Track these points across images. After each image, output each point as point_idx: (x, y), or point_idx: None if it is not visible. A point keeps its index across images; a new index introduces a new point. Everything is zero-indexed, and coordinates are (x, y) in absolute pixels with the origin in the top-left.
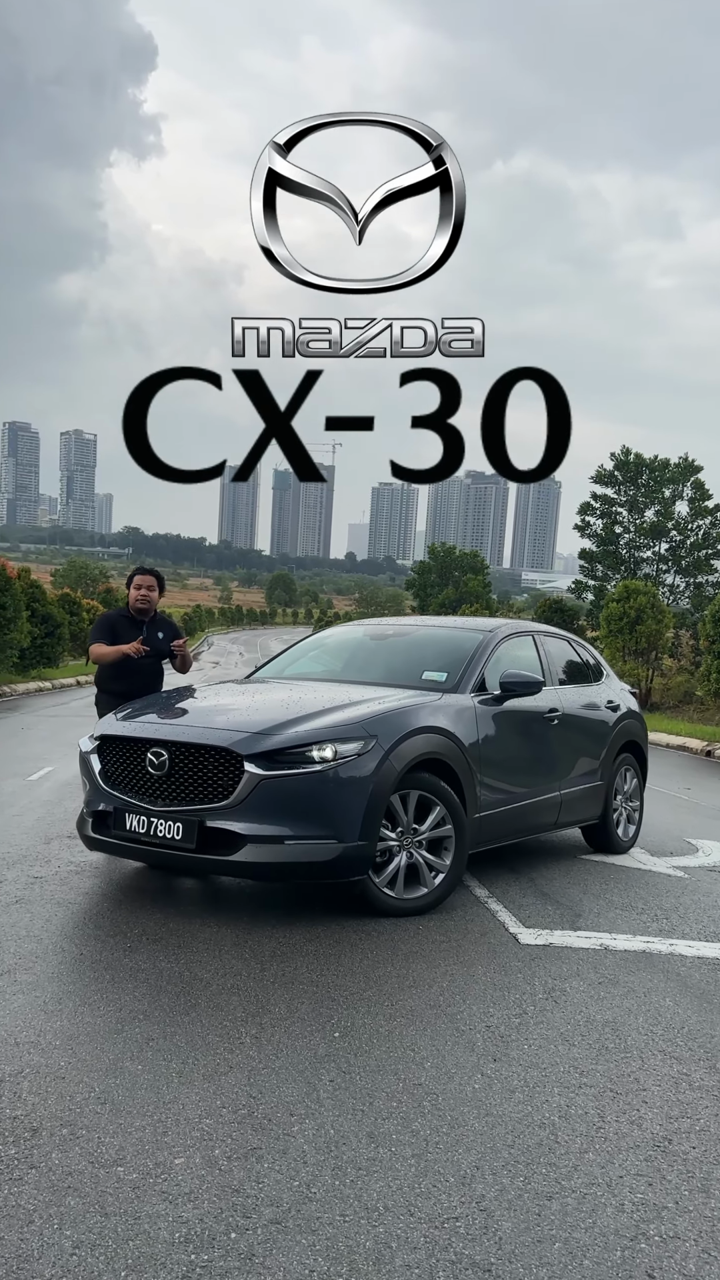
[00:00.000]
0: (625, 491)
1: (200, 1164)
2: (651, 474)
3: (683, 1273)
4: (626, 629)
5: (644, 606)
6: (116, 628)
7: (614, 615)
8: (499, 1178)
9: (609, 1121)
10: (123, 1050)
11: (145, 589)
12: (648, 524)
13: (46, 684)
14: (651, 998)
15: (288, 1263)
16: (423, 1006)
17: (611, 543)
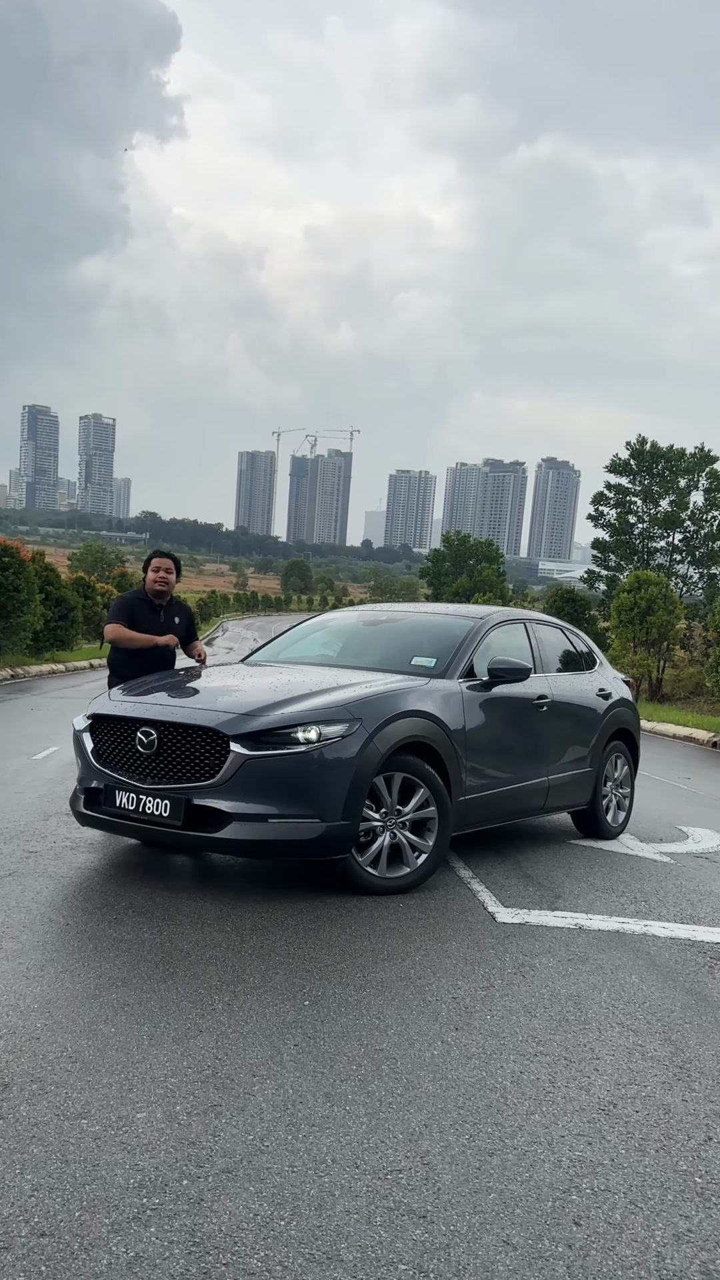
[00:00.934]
0: (640, 481)
1: (161, 1118)
2: (667, 464)
3: (608, 1221)
4: (637, 619)
5: (655, 597)
6: (135, 611)
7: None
8: (445, 1135)
9: (559, 1087)
10: (98, 1014)
11: (163, 572)
12: (662, 514)
13: (59, 666)
14: (618, 974)
15: (234, 1207)
16: (393, 979)
17: (625, 533)
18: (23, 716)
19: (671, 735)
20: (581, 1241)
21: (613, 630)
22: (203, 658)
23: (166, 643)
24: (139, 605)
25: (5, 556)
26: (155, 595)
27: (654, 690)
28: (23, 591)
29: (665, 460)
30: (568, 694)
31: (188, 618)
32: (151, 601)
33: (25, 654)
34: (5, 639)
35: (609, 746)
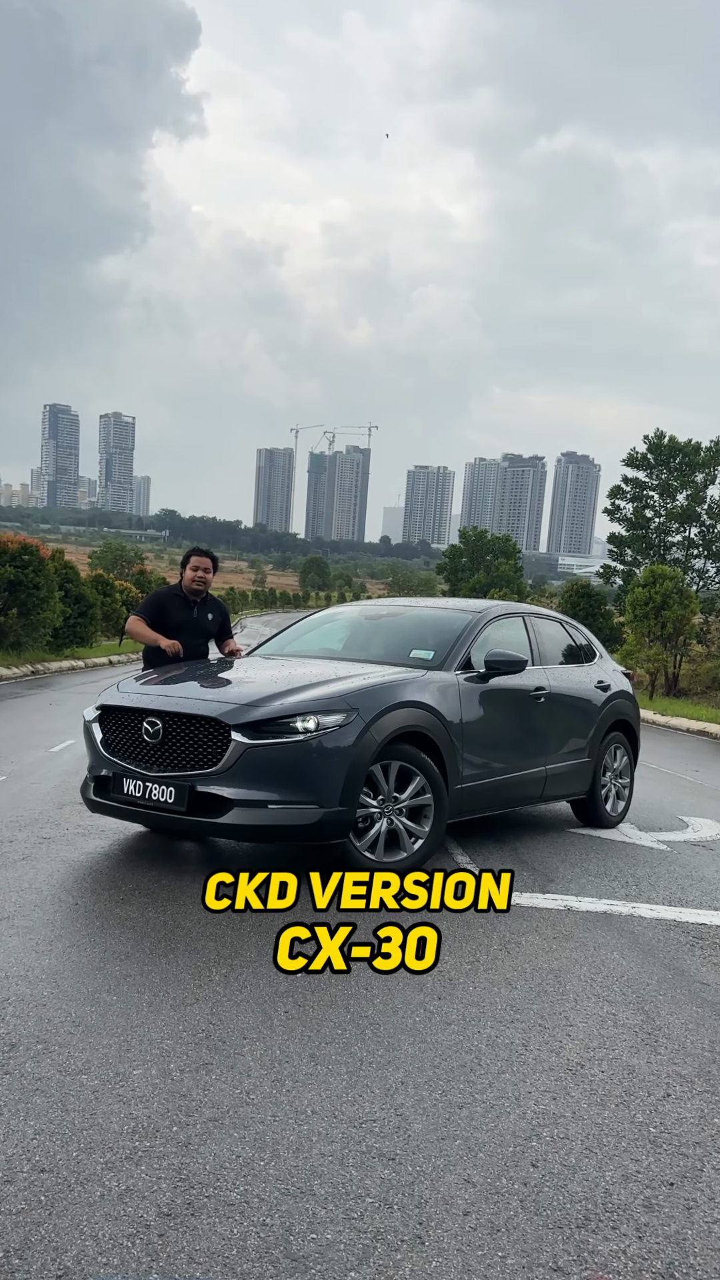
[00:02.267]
0: (657, 475)
1: (155, 1075)
2: (685, 457)
3: (564, 1164)
4: (652, 614)
5: (670, 591)
6: (166, 606)
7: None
8: (419, 1091)
9: (531, 1050)
10: (101, 984)
11: (202, 570)
12: (679, 508)
13: (79, 663)
14: (600, 951)
15: (218, 1150)
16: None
17: (642, 527)
18: (41, 711)
19: (685, 729)
20: (536, 1180)
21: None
22: (236, 653)
23: (169, 647)
24: (172, 600)
25: (25, 555)
26: (192, 593)
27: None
28: (42, 589)
29: (683, 454)
30: (565, 686)
31: (222, 615)
32: (186, 598)
33: (45, 650)
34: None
35: (608, 737)
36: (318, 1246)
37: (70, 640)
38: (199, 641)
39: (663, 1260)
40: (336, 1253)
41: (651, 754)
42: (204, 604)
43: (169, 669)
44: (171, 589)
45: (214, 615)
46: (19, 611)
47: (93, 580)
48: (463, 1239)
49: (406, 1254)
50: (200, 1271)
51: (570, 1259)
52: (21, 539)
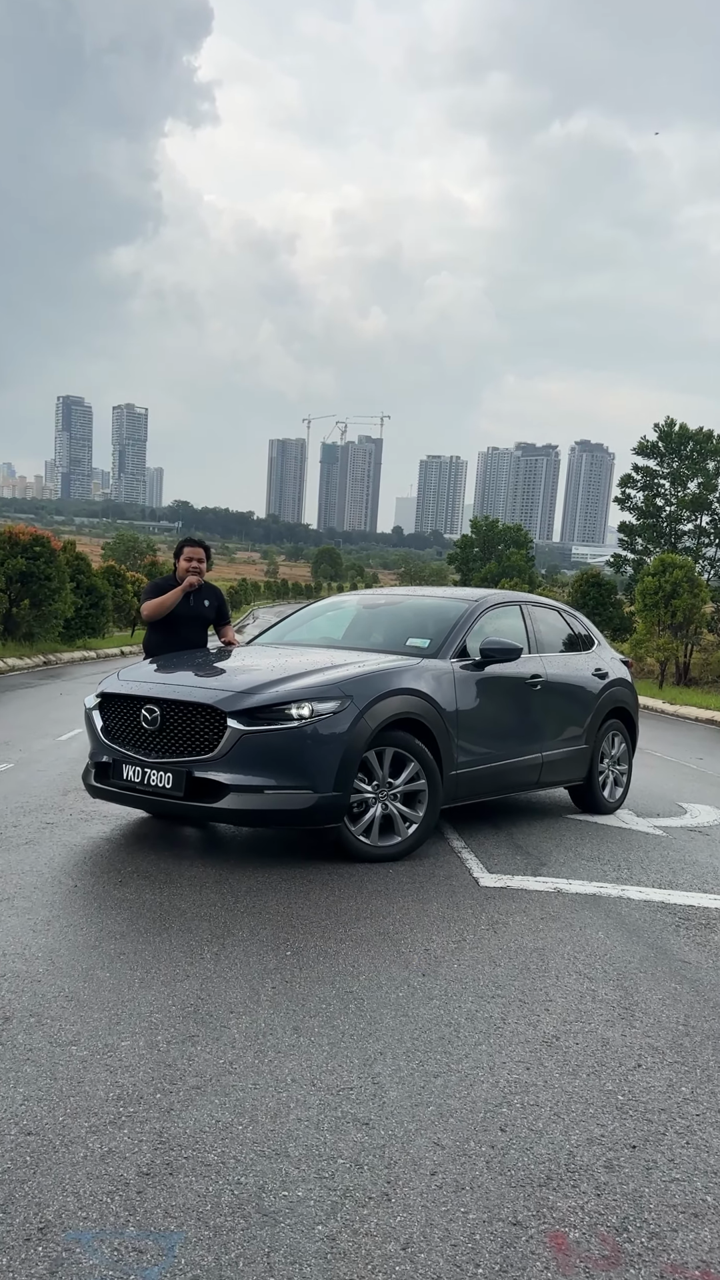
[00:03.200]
0: (668, 463)
1: (143, 1046)
2: (696, 445)
3: (531, 1129)
4: (662, 603)
5: (680, 580)
6: (164, 592)
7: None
8: (397, 1061)
9: (509, 1023)
10: (95, 962)
11: (195, 560)
12: (690, 496)
13: (91, 654)
14: (586, 931)
15: (199, 1115)
16: (372, 933)
17: (653, 515)
18: (51, 700)
19: (694, 718)
20: (504, 1143)
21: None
22: (233, 642)
23: (188, 585)
24: (168, 589)
25: (37, 546)
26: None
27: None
28: (54, 580)
29: (694, 442)
30: (562, 673)
31: (218, 601)
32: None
33: (58, 641)
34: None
35: (605, 724)
36: (289, 1203)
37: (82, 631)
38: (198, 629)
39: (618, 1215)
40: (306, 1208)
41: (657, 742)
42: (200, 592)
43: (169, 658)
44: (168, 579)
45: (211, 602)
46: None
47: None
48: (428, 1196)
49: (373, 1210)
50: (175, 1225)
51: (529, 1214)
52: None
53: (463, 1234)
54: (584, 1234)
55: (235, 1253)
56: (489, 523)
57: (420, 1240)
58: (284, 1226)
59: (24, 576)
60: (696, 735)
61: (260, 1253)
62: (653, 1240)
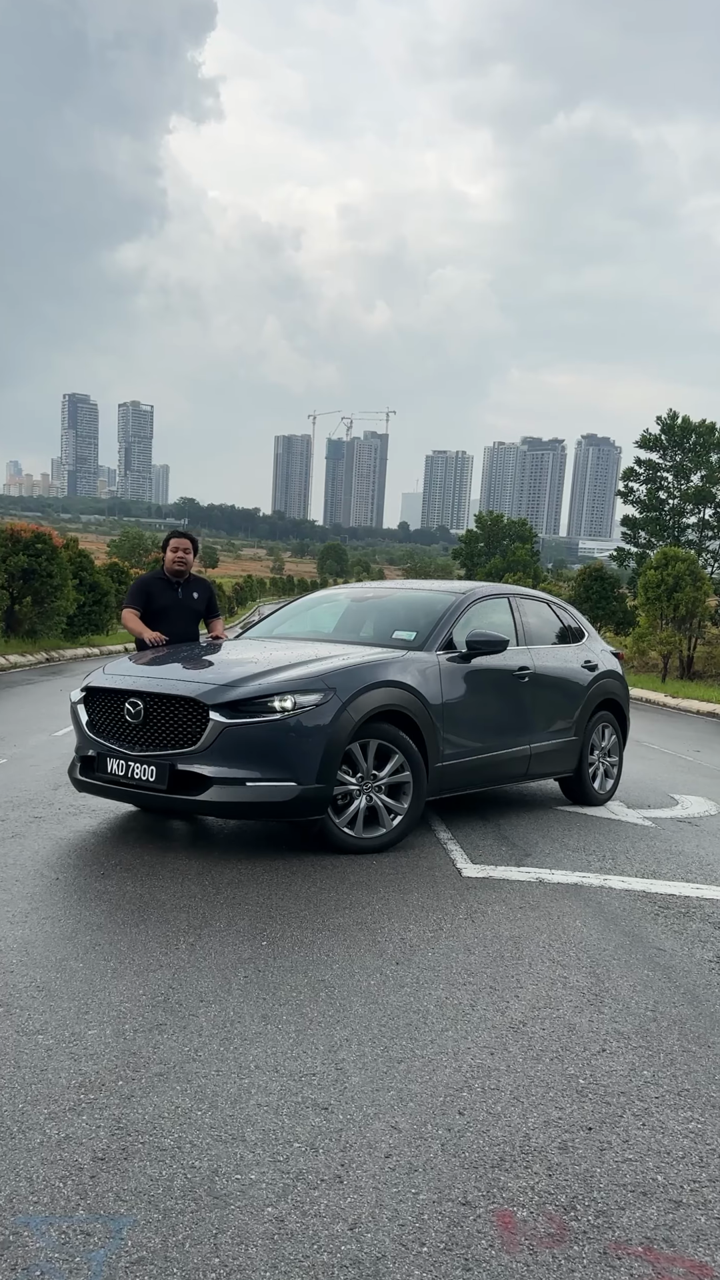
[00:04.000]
0: (671, 456)
1: (110, 1035)
2: (699, 438)
3: (490, 1112)
4: (664, 596)
5: (682, 574)
6: (152, 591)
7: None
8: (362, 1047)
9: (477, 1010)
10: (70, 952)
11: (181, 552)
12: (693, 489)
13: (94, 650)
14: (564, 920)
15: (159, 1101)
16: (349, 923)
17: (656, 509)
18: (51, 697)
19: (695, 711)
20: (460, 1126)
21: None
22: (222, 635)
23: (153, 640)
24: (156, 584)
25: (39, 543)
26: (174, 574)
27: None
28: (56, 577)
29: (697, 434)
30: (551, 665)
31: (207, 593)
32: (170, 580)
33: (60, 638)
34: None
35: (595, 716)
36: (240, 1186)
37: (85, 628)
38: (187, 622)
39: (567, 1195)
40: (258, 1191)
41: (655, 734)
42: (188, 584)
43: (156, 651)
44: (155, 573)
45: (199, 594)
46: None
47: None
48: (380, 1178)
49: (324, 1191)
50: (125, 1209)
51: (479, 1194)
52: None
53: (411, 1214)
54: (532, 1213)
55: (183, 1235)
56: (494, 518)
57: (368, 1220)
58: (234, 1209)
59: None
60: (696, 728)
61: (208, 1234)
62: (599, 1218)
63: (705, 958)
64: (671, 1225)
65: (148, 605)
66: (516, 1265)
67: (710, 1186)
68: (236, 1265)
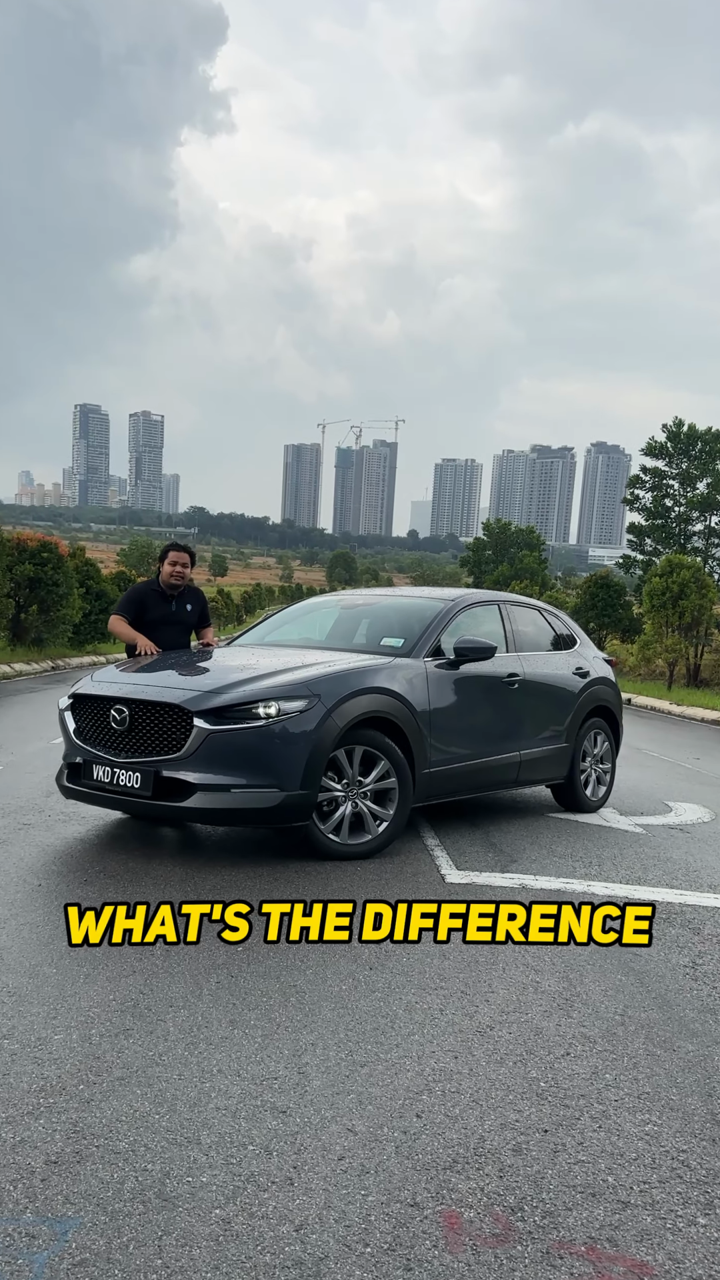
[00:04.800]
0: (677, 464)
1: (76, 1040)
2: (705, 445)
3: (447, 1115)
4: (669, 604)
5: (687, 581)
6: (145, 601)
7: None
8: (327, 1051)
9: (446, 1014)
10: (44, 958)
11: (179, 565)
12: (699, 497)
13: (100, 658)
14: None
15: (118, 1105)
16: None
17: (661, 516)
18: (52, 705)
19: (700, 719)
20: (416, 1129)
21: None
22: (212, 645)
23: (145, 648)
24: (150, 595)
25: (44, 553)
26: (170, 587)
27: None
28: (62, 586)
29: (703, 442)
30: (541, 672)
31: (200, 605)
32: (164, 592)
33: (66, 646)
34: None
35: (587, 723)
36: (190, 1188)
37: (91, 636)
38: (179, 635)
39: (516, 1196)
40: (208, 1193)
41: (656, 742)
42: (182, 596)
43: (143, 659)
44: (149, 584)
45: (192, 606)
46: (39, 608)
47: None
48: (331, 1180)
49: (274, 1193)
50: (73, 1211)
51: (428, 1196)
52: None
53: (358, 1215)
54: (479, 1213)
55: (127, 1237)
56: (501, 525)
57: (315, 1221)
58: (181, 1211)
59: (32, 582)
60: (698, 735)
61: (153, 1236)
62: (545, 1219)
63: (681, 963)
64: (617, 1225)
65: (140, 616)
66: (458, 1265)
67: (660, 1188)
68: (179, 1266)
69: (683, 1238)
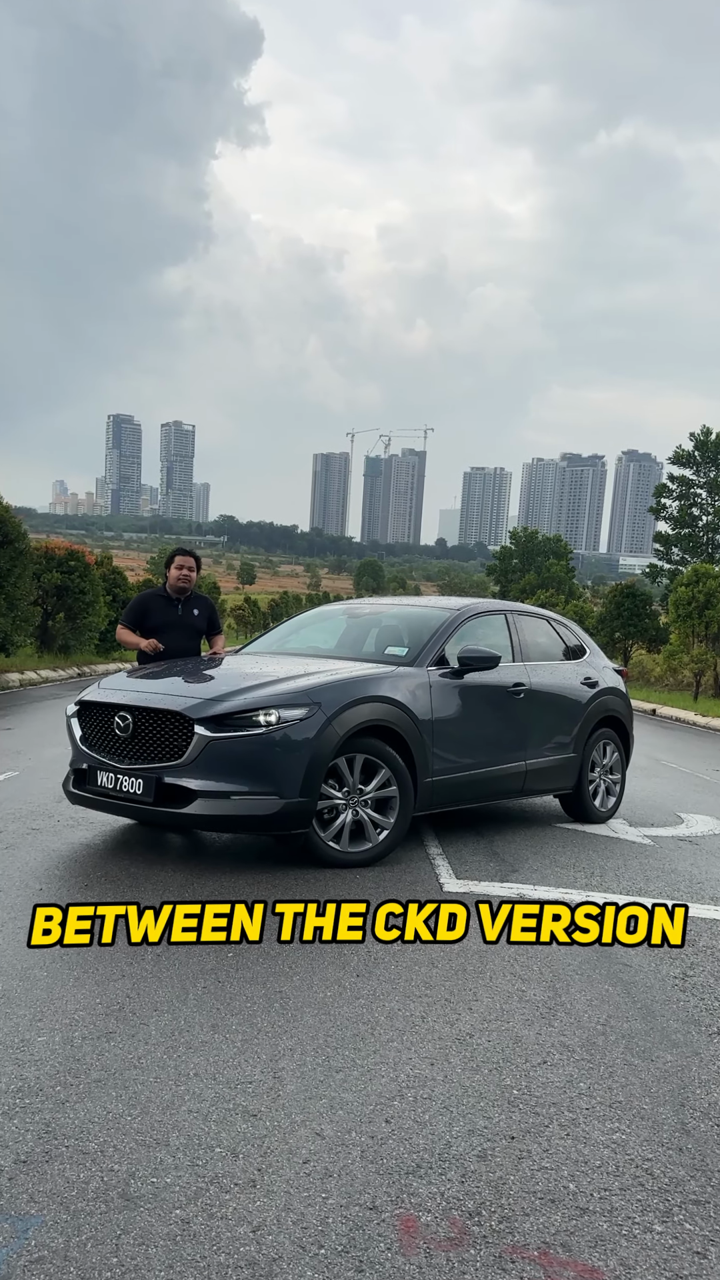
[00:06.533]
0: (705, 472)
1: (59, 1042)
2: None
3: (416, 1120)
4: (696, 613)
5: (714, 590)
6: (150, 608)
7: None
8: (304, 1057)
9: (428, 1022)
10: (35, 961)
11: (185, 570)
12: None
13: (125, 665)
14: None
15: (92, 1107)
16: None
17: (689, 525)
18: None
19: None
20: (384, 1134)
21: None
22: (222, 652)
23: (148, 646)
24: (156, 601)
25: (71, 561)
26: (177, 591)
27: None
28: (88, 594)
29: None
30: (548, 682)
31: (208, 611)
32: (171, 597)
33: (92, 653)
34: (73, 639)
35: (596, 733)
36: (154, 1189)
37: (117, 643)
38: (187, 639)
39: (475, 1201)
40: (170, 1194)
41: (676, 752)
42: (189, 602)
43: (151, 667)
44: (156, 590)
45: (200, 612)
46: (66, 615)
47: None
48: (294, 1183)
49: (235, 1195)
50: (36, 1210)
51: (388, 1199)
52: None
53: (316, 1218)
54: (436, 1217)
55: (87, 1235)
56: (528, 534)
57: (272, 1223)
58: (142, 1211)
59: (59, 590)
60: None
61: (111, 1235)
62: (502, 1224)
63: (671, 974)
64: (572, 1231)
65: (144, 621)
66: (409, 1267)
67: (620, 1195)
68: (133, 1265)
69: (637, 1244)
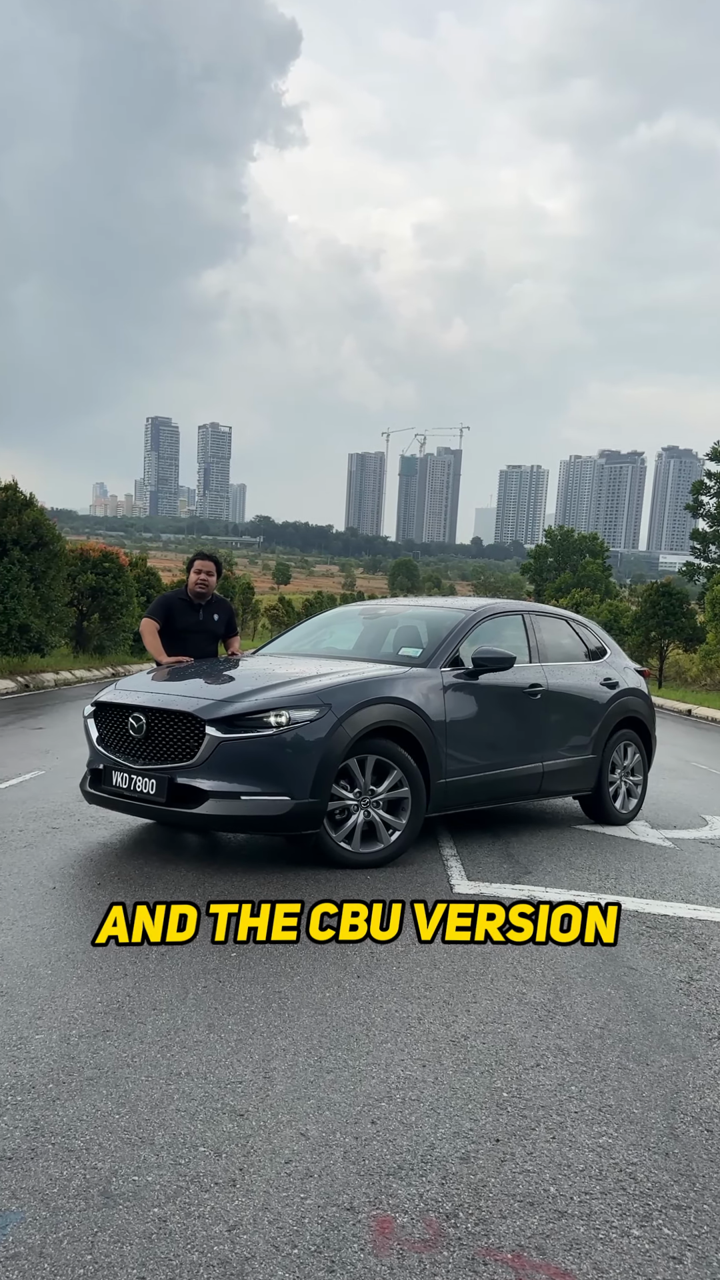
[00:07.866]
0: None
1: (55, 1040)
2: None
3: (402, 1122)
4: None
5: None
6: (174, 610)
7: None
8: (296, 1057)
9: (425, 1024)
10: (41, 960)
11: (205, 574)
12: None
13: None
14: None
15: (82, 1105)
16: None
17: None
18: None
19: None
20: (369, 1135)
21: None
22: (238, 653)
23: (172, 662)
24: (178, 604)
25: (106, 562)
26: (197, 596)
27: None
28: (122, 595)
29: None
30: (566, 683)
31: (227, 614)
32: (192, 601)
33: (127, 654)
34: (108, 639)
35: (616, 734)
36: (135, 1187)
37: None
38: (207, 644)
39: (453, 1203)
40: (150, 1192)
41: (707, 754)
42: (209, 606)
43: (167, 669)
44: (178, 593)
45: (219, 616)
46: (100, 616)
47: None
48: (274, 1183)
49: (215, 1194)
50: (17, 1206)
51: (366, 1200)
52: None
53: (292, 1218)
54: (412, 1219)
55: (63, 1232)
56: (564, 532)
57: (248, 1223)
58: (121, 1209)
59: (94, 591)
60: None
61: (88, 1232)
62: (478, 1226)
63: (676, 978)
64: (548, 1234)
65: (169, 625)
66: (381, 1268)
67: (601, 1199)
68: (107, 1262)
69: (612, 1248)
